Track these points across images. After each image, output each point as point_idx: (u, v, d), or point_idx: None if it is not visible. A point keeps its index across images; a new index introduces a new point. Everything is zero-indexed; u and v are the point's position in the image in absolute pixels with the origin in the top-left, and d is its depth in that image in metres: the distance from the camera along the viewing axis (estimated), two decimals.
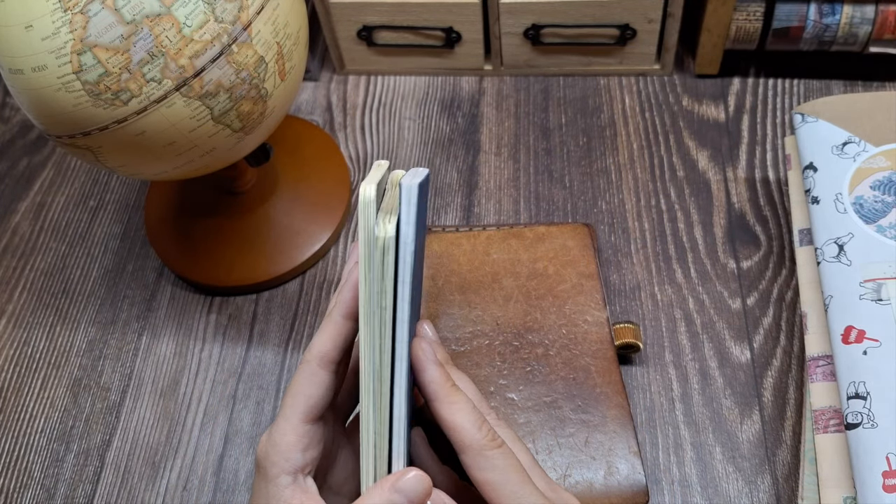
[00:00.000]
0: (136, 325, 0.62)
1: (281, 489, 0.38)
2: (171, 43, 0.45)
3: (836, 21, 0.63)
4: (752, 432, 0.53)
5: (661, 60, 0.70)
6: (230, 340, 0.61)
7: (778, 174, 0.64)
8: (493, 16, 0.68)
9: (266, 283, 0.62)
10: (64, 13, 0.43)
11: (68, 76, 0.44)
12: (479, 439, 0.37)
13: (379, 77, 0.74)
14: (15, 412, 0.59)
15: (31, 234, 0.68)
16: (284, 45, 0.50)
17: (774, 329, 0.57)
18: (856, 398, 0.46)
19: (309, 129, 0.70)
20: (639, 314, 0.59)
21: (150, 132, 0.47)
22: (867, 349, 0.47)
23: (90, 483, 0.55)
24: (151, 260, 0.65)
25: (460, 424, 0.37)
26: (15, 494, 0.55)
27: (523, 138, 0.69)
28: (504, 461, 0.37)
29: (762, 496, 0.51)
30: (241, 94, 0.48)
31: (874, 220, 0.51)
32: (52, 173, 0.72)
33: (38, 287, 0.65)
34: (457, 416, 0.37)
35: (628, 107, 0.70)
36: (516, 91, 0.72)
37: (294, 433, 0.38)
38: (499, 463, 0.37)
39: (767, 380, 0.55)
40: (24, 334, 0.63)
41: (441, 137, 0.70)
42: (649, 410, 0.55)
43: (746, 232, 0.62)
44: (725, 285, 0.59)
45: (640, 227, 0.63)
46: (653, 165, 0.66)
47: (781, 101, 0.69)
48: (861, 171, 0.54)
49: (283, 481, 0.38)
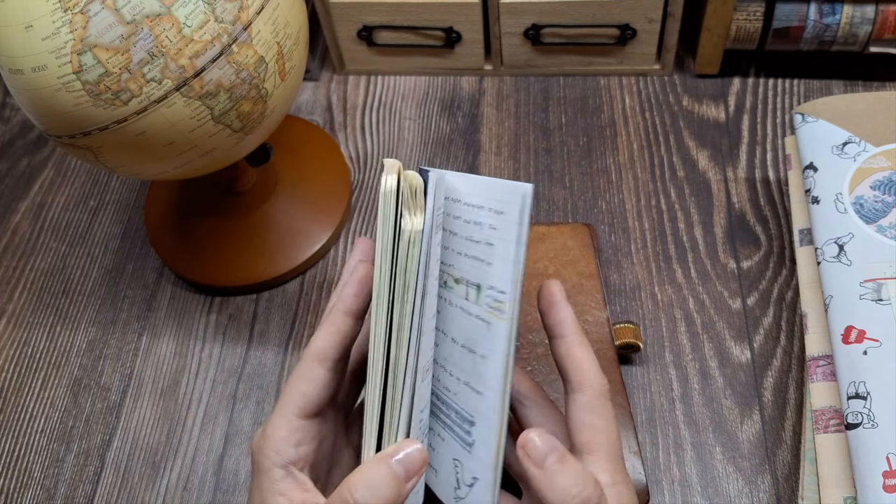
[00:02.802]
0: (136, 325, 0.62)
1: (274, 482, 0.38)
2: (171, 43, 0.45)
3: (837, 21, 0.63)
4: (752, 432, 0.53)
5: (662, 60, 0.70)
6: (230, 340, 0.61)
7: (778, 174, 0.64)
8: (493, 16, 0.68)
9: (266, 283, 0.62)
10: (64, 13, 0.43)
11: (68, 76, 0.44)
12: (602, 383, 0.39)
13: (379, 77, 0.74)
14: (15, 412, 0.59)
15: (31, 234, 0.68)
16: (284, 45, 0.50)
17: (775, 329, 0.57)
18: (856, 398, 0.46)
19: (309, 129, 0.70)
20: (639, 314, 0.59)
21: (150, 132, 0.47)
22: (867, 349, 0.47)
23: (90, 483, 0.55)
24: (151, 260, 0.65)
25: (589, 365, 0.39)
26: (15, 494, 0.55)
27: (523, 138, 0.69)
28: (612, 413, 0.39)
29: (762, 496, 0.51)
30: (242, 94, 0.48)
31: (874, 220, 0.51)
32: (52, 173, 0.72)
33: (38, 287, 0.65)
34: (586, 358, 0.39)
35: (628, 107, 0.70)
36: (516, 91, 0.72)
37: (287, 427, 0.39)
38: (609, 412, 0.39)
39: (767, 380, 0.55)
40: (24, 334, 0.63)
41: (441, 137, 0.70)
42: (649, 410, 0.55)
43: (746, 232, 0.62)
44: (725, 285, 0.59)
45: (640, 226, 0.63)
46: (653, 165, 0.66)
47: (781, 101, 0.69)
48: (861, 171, 0.54)
49: (276, 474, 0.39)
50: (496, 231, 0.38)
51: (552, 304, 0.40)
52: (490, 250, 0.38)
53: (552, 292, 0.40)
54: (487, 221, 0.39)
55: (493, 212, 0.38)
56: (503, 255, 0.38)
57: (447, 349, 0.42)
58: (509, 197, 0.37)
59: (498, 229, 0.38)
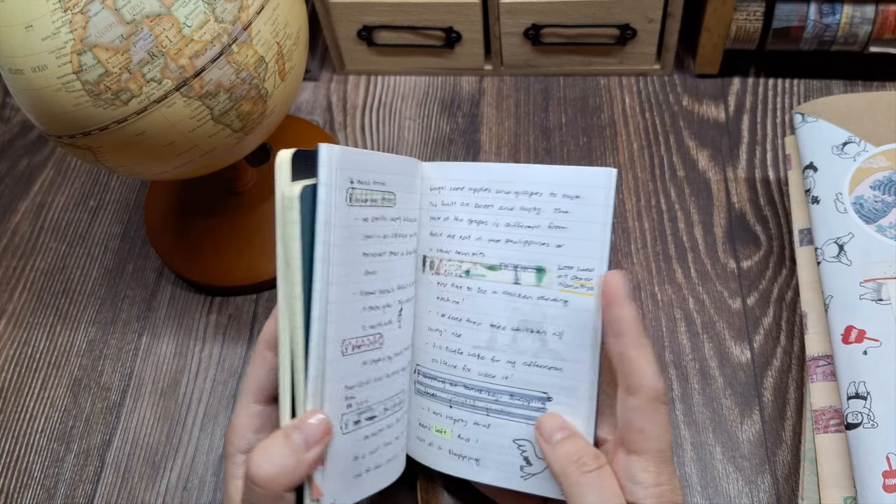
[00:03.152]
0: (136, 325, 0.62)
1: (236, 467, 0.40)
2: (171, 43, 0.45)
3: (837, 21, 0.63)
4: (752, 432, 0.53)
5: (662, 60, 0.70)
6: (230, 340, 0.61)
7: (778, 174, 0.64)
8: (493, 16, 0.68)
9: (266, 283, 0.62)
10: (64, 13, 0.43)
11: (68, 76, 0.44)
12: (659, 387, 0.38)
13: (379, 77, 0.74)
14: (15, 412, 0.59)
15: (31, 234, 0.68)
16: (284, 45, 0.50)
17: (774, 329, 0.57)
18: (856, 398, 0.46)
19: (309, 129, 0.70)
20: (639, 314, 0.59)
21: (150, 132, 0.47)
22: (867, 349, 0.47)
23: (90, 483, 0.55)
24: (151, 260, 0.65)
25: (645, 368, 0.38)
26: (15, 494, 0.55)
27: (523, 138, 0.69)
28: (666, 417, 0.38)
29: (762, 496, 0.51)
30: (241, 94, 0.48)
31: (874, 219, 0.51)
32: (52, 173, 0.72)
33: (38, 287, 0.65)
34: (644, 358, 0.38)
35: (628, 107, 0.70)
36: (516, 91, 0.72)
37: (245, 414, 0.41)
38: (662, 418, 0.38)
39: (767, 380, 0.55)
40: (24, 334, 0.63)
41: (441, 137, 0.70)
42: None
43: (746, 232, 0.62)
44: (725, 285, 0.59)
45: (640, 226, 0.63)
46: (653, 165, 0.66)
47: (781, 101, 0.69)
48: (861, 170, 0.54)
49: (237, 459, 0.40)
50: (569, 214, 0.41)
51: (612, 302, 0.39)
52: (559, 233, 0.41)
53: (616, 285, 0.39)
54: (553, 206, 0.42)
55: (564, 197, 0.41)
56: (585, 236, 0.41)
57: (481, 337, 0.43)
58: (592, 181, 0.41)
59: (571, 213, 0.41)
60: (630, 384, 0.38)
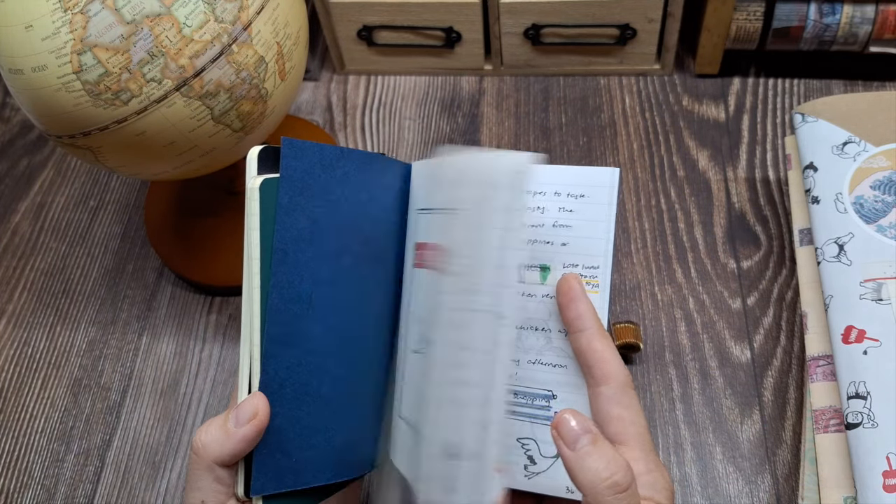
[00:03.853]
0: (136, 325, 0.62)
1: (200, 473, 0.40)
2: (171, 43, 0.45)
3: (837, 21, 0.63)
4: (752, 432, 0.53)
5: (662, 60, 0.70)
6: (230, 340, 0.61)
7: (778, 174, 0.64)
8: (493, 16, 0.68)
9: None
10: (64, 13, 0.43)
11: (68, 76, 0.44)
12: (626, 374, 0.39)
13: (379, 77, 0.74)
14: (15, 412, 0.59)
15: (31, 234, 0.68)
16: (284, 45, 0.50)
17: (774, 329, 0.57)
18: (856, 398, 0.46)
19: (309, 129, 0.70)
20: (639, 314, 0.59)
21: (150, 132, 0.47)
22: (867, 349, 0.47)
23: (90, 483, 0.55)
24: (151, 260, 0.65)
25: (611, 357, 0.39)
26: (15, 494, 0.55)
27: (523, 138, 0.69)
28: (638, 402, 0.39)
29: (762, 496, 0.51)
30: (242, 94, 0.48)
31: (874, 219, 0.51)
32: (52, 173, 0.72)
33: (38, 287, 0.65)
34: (608, 349, 0.39)
35: (628, 107, 0.70)
36: (516, 91, 0.72)
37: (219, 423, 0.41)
38: (635, 403, 0.39)
39: (767, 380, 0.55)
40: (24, 334, 0.63)
41: (441, 137, 0.70)
42: (649, 410, 0.55)
43: (746, 232, 0.62)
44: (725, 285, 0.59)
45: (640, 226, 0.63)
46: (653, 165, 0.66)
47: (781, 101, 0.69)
48: (861, 170, 0.54)
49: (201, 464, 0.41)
50: (573, 213, 0.42)
51: (571, 299, 0.40)
52: (564, 232, 0.42)
53: (571, 286, 0.40)
54: (557, 205, 0.42)
55: (569, 196, 0.42)
56: (590, 234, 0.42)
57: None
58: (596, 180, 0.42)
59: (576, 212, 0.42)
60: (601, 374, 0.39)
